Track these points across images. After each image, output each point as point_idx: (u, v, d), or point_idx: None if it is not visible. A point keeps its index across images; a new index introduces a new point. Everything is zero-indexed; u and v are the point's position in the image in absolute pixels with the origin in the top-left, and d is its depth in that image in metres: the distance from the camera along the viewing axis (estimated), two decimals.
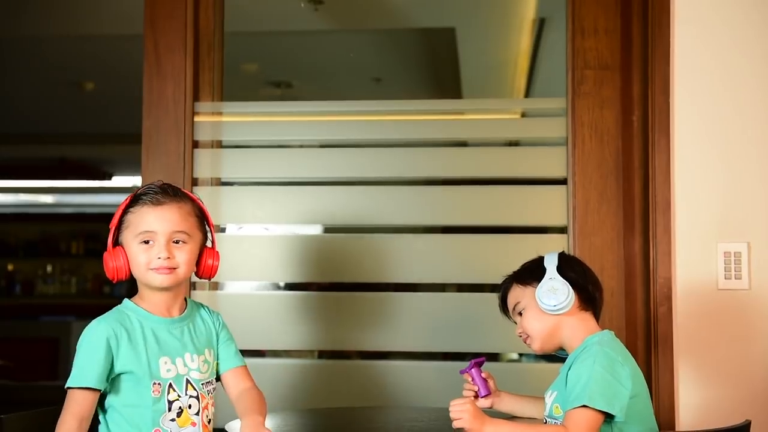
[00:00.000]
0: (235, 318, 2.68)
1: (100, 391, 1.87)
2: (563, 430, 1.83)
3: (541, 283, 1.98)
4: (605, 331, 1.98)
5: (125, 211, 1.96)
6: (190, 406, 1.93)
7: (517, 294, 2.04)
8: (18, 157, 7.32)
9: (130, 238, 1.94)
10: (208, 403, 1.97)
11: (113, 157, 7.37)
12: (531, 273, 2.03)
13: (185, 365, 1.94)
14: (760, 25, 2.45)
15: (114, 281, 1.98)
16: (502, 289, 2.10)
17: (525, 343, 2.04)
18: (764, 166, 2.43)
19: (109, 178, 7.74)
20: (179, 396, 1.92)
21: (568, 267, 2.01)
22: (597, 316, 2.02)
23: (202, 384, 1.96)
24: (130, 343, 1.90)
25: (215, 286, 2.80)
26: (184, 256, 1.95)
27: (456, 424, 1.86)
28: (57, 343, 7.28)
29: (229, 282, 3.03)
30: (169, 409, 1.90)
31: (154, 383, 1.90)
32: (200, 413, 1.94)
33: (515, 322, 2.07)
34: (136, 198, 1.97)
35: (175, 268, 1.93)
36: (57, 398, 1.96)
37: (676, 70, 2.46)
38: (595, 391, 1.82)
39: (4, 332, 7.54)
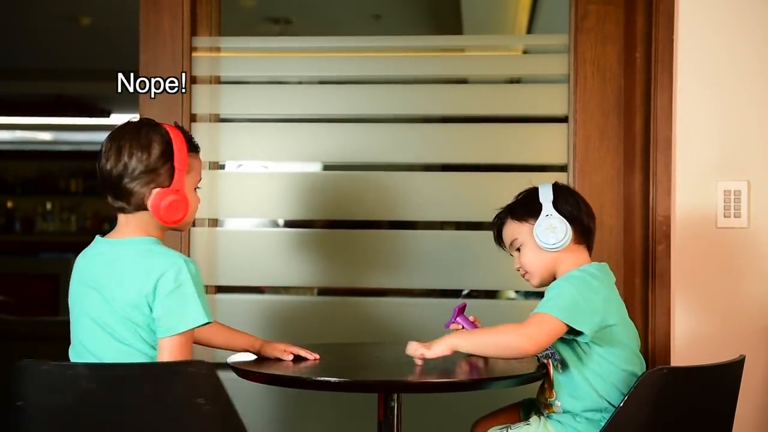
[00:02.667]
0: (235, 255, 2.70)
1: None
2: (515, 325, 1.89)
3: (538, 220, 1.98)
4: (594, 263, 2.00)
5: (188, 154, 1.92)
6: None
7: (514, 230, 2.04)
8: (14, 93, 7.28)
9: (190, 183, 1.93)
10: None
11: (111, 94, 7.31)
12: (526, 208, 2.02)
13: None
14: None
15: (176, 224, 1.89)
16: (497, 224, 2.09)
17: (524, 278, 2.06)
18: (766, 104, 2.41)
19: (108, 115, 7.70)
20: None
21: (564, 200, 2.00)
22: (591, 247, 2.04)
23: None
24: None
25: (215, 223, 2.80)
26: None
27: (418, 354, 1.90)
28: (57, 280, 7.33)
29: (229, 219, 3.03)
30: None
31: None
32: None
33: (512, 255, 2.07)
34: (193, 142, 1.96)
35: None
36: (56, 333, 1.97)
37: (680, 5, 2.43)
38: (559, 303, 1.87)
39: (4, 268, 7.59)
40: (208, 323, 1.82)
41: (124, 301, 1.80)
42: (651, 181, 2.48)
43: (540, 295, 3.07)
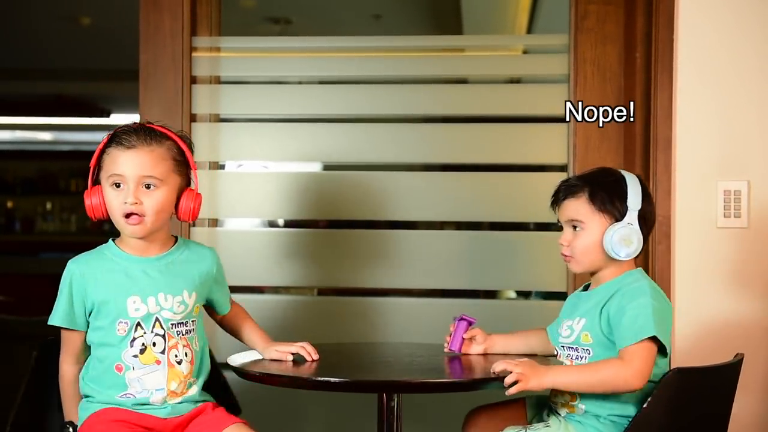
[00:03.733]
0: (235, 255, 2.70)
1: (74, 329, 1.94)
2: (621, 363, 1.80)
3: (619, 225, 1.88)
4: (640, 268, 1.95)
5: (103, 151, 1.92)
6: (154, 344, 1.92)
7: (582, 211, 1.91)
8: (15, 93, 7.27)
9: (104, 179, 1.92)
10: (177, 343, 1.94)
11: (111, 94, 7.33)
12: (609, 200, 1.90)
13: (157, 304, 1.93)
14: None
15: (93, 219, 1.97)
16: (565, 189, 1.95)
17: (563, 254, 1.95)
18: (766, 104, 2.41)
19: (108, 115, 7.70)
20: (144, 333, 1.92)
21: (647, 209, 1.91)
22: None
23: (172, 324, 1.94)
24: (100, 283, 1.92)
25: (215, 223, 2.80)
26: (152, 203, 1.90)
27: (514, 390, 1.78)
28: (57, 280, 7.30)
29: (229, 219, 3.04)
30: (131, 346, 1.91)
31: (120, 322, 1.91)
32: (166, 352, 1.93)
33: (559, 222, 1.96)
34: (111, 138, 1.92)
35: (143, 216, 1.89)
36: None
37: (680, 5, 2.43)
38: (656, 327, 1.80)
39: (4, 268, 7.58)
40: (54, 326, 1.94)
41: None
42: (651, 181, 2.48)
43: (539, 295, 3.08)
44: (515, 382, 1.78)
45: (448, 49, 2.94)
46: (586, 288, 2.02)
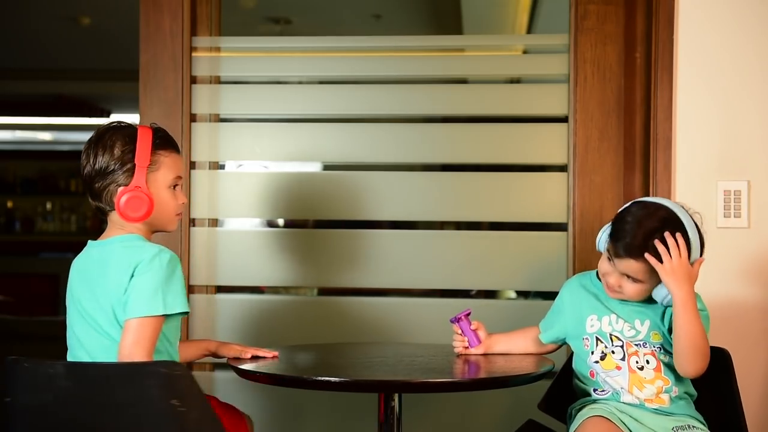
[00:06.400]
0: (235, 255, 2.71)
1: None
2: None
3: None
4: None
5: (154, 151, 1.92)
6: None
7: (643, 271, 1.94)
8: (15, 93, 7.28)
9: (161, 181, 1.92)
10: None
11: (111, 94, 7.33)
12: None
13: None
14: None
15: (139, 221, 1.90)
16: (627, 248, 1.92)
17: (613, 289, 1.99)
18: (766, 104, 2.41)
19: (108, 115, 7.71)
20: None
21: (702, 251, 2.00)
22: None
23: None
24: None
25: (215, 223, 2.80)
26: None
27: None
28: (57, 279, 7.33)
29: (229, 219, 3.03)
30: None
31: None
32: None
33: (612, 260, 1.97)
34: (165, 140, 1.94)
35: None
36: (56, 333, 1.97)
37: (680, 5, 2.43)
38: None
39: (4, 268, 7.59)
40: (168, 315, 1.82)
41: (109, 295, 1.84)
42: (651, 181, 2.48)
43: (537, 295, 3.08)
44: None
45: (448, 49, 2.94)
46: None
